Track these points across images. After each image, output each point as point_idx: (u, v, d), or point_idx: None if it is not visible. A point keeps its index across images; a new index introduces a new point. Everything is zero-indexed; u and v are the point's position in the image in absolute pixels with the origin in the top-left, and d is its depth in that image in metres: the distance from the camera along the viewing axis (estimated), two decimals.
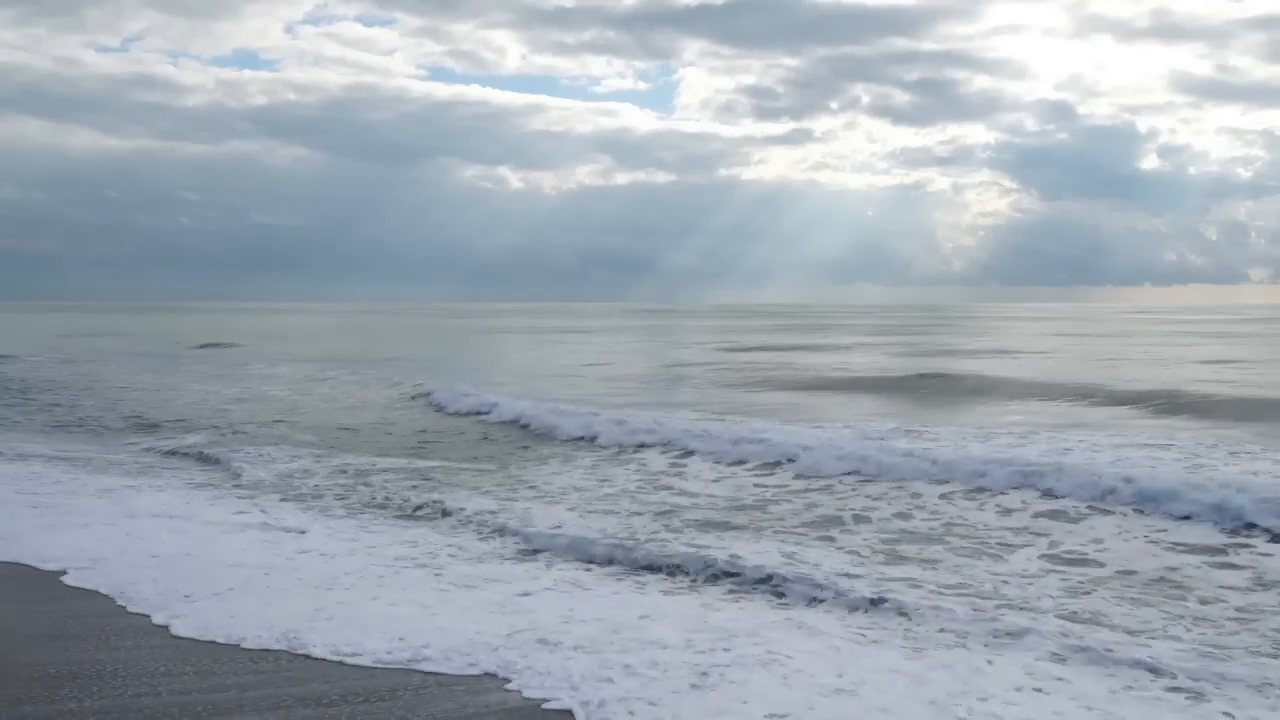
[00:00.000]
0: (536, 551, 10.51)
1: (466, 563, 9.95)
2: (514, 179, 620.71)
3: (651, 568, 9.77)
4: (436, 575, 9.39)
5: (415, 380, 30.47)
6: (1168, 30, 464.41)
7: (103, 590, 8.80)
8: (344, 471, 15.56)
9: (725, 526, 11.62)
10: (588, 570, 9.74)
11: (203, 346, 55.34)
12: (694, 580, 9.36)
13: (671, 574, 9.58)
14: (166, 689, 6.44)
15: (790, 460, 15.28)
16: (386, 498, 13.44)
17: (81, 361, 43.22)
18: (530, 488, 14.19)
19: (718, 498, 13.52)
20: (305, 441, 19.16)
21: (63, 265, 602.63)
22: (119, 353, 50.69)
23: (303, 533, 11.24)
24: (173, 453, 18.15)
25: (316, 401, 27.29)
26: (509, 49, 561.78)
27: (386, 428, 21.67)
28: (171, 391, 30.06)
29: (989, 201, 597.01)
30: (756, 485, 14.32)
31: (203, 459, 17.33)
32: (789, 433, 17.43)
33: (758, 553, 10.08)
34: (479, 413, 22.95)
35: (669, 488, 14.23)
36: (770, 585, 9.07)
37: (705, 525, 11.64)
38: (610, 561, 10.04)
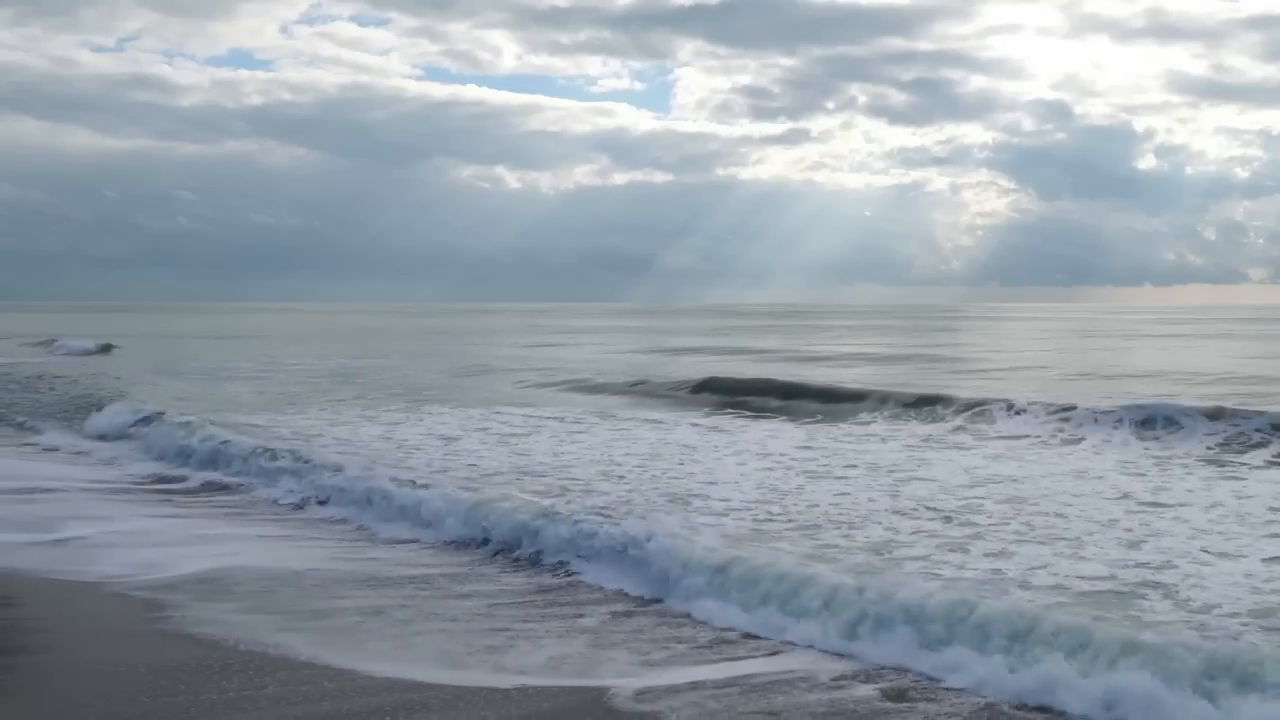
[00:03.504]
0: None
1: None
2: (511, 179, 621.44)
3: None
4: None
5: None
6: (1163, 30, 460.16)
7: None
8: None
9: None
10: None
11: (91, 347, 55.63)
12: None
13: None
14: None
15: None
16: None
17: None
18: None
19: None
20: None
21: (61, 265, 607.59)
22: None
23: None
24: None
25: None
26: (504, 49, 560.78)
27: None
28: None
29: (987, 201, 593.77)
30: None
31: None
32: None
33: None
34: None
35: None
36: None
37: None
38: None
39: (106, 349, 53.32)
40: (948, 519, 12.25)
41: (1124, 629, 7.65)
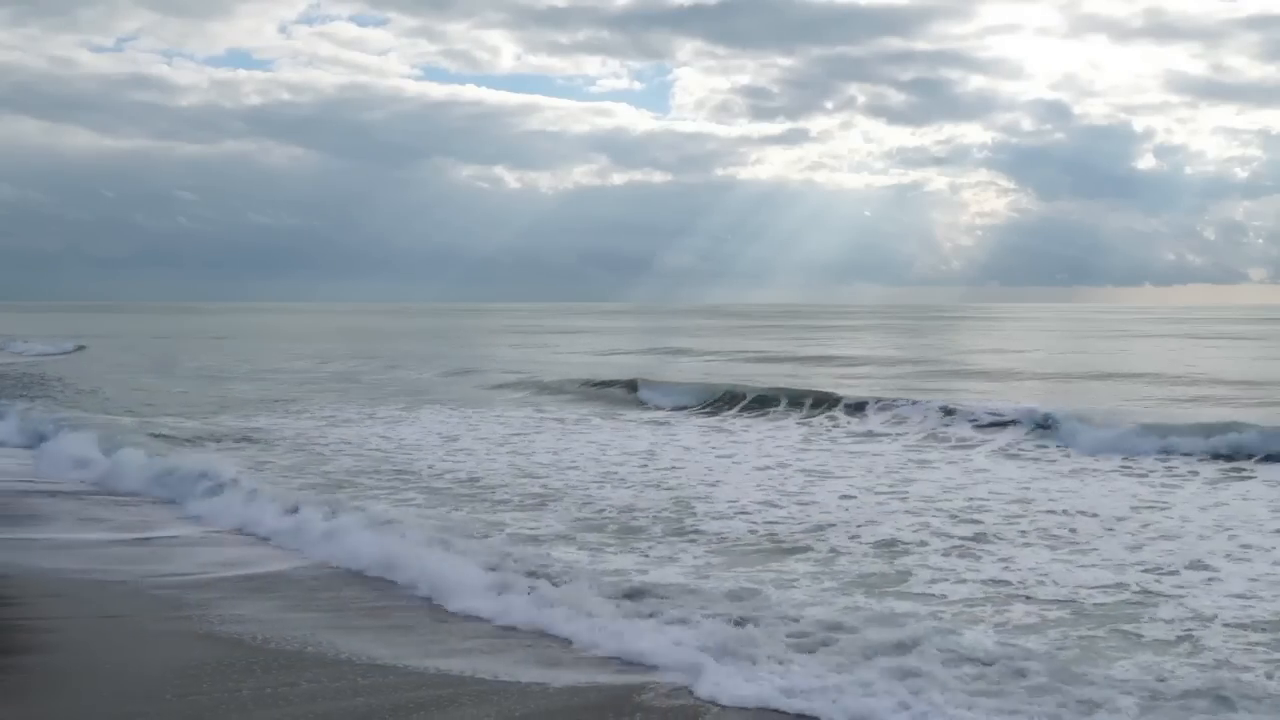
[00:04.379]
0: None
1: None
2: (510, 179, 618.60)
3: None
4: None
5: None
6: (1162, 30, 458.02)
7: None
8: None
9: None
10: None
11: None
12: None
13: None
14: None
15: None
16: None
17: None
18: None
19: None
20: None
21: (61, 265, 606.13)
22: None
23: None
24: None
25: None
26: (503, 49, 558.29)
27: None
28: None
29: (987, 201, 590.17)
30: None
31: None
32: None
33: None
34: None
35: None
36: None
37: None
38: None
39: (78, 350, 51.89)
40: (953, 517, 12.49)
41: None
